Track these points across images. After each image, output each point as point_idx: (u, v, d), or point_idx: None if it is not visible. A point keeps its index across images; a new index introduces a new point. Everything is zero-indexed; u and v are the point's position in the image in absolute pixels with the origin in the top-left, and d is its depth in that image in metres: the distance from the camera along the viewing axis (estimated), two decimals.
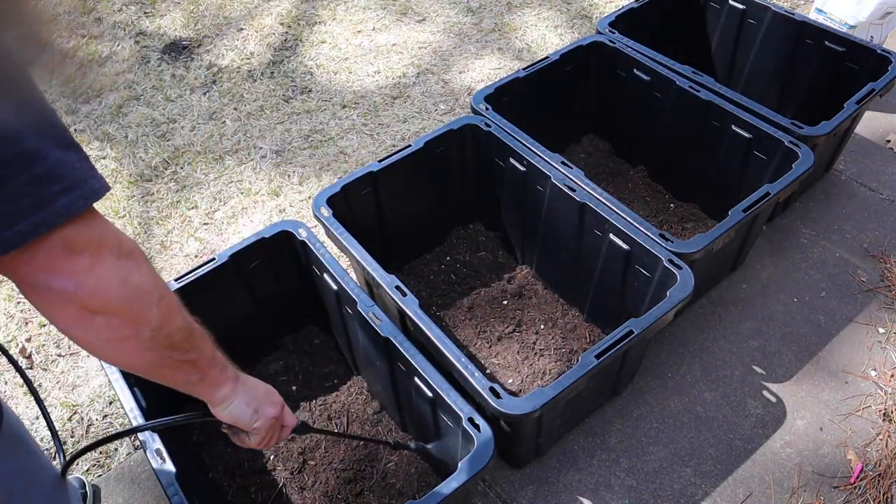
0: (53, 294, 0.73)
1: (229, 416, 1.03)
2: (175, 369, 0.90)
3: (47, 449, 1.87)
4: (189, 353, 0.90)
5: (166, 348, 0.85)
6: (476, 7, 3.36)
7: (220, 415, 1.03)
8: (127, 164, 2.65)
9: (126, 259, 0.78)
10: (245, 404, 1.03)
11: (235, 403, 1.02)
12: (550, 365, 1.91)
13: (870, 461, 1.78)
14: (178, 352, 0.88)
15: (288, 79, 3.01)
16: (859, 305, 2.12)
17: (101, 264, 0.74)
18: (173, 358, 0.88)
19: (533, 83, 2.21)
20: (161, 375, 0.89)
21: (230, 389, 1.00)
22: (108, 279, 0.75)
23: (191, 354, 0.90)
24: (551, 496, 1.74)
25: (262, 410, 1.07)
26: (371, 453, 1.76)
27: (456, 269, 2.18)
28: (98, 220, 0.76)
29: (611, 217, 1.75)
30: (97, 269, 0.74)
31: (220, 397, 1.00)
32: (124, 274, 0.77)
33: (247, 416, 1.04)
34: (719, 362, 2.00)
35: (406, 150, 1.95)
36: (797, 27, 2.34)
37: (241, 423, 1.05)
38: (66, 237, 0.71)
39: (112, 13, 3.36)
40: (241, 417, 1.04)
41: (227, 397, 1.01)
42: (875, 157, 2.56)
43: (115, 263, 0.76)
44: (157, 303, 0.82)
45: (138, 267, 0.80)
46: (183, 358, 0.89)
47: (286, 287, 1.87)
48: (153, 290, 0.81)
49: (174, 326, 0.86)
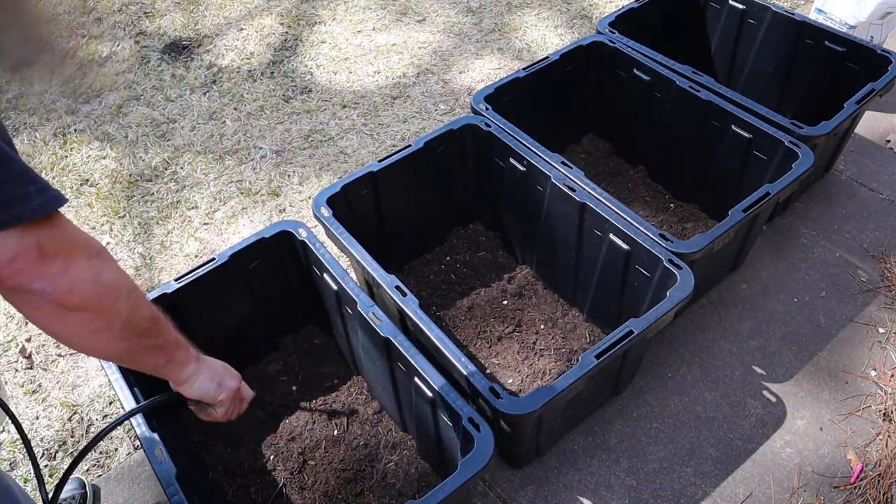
0: (32, 295, 0.79)
1: (195, 392, 1.13)
2: (146, 355, 0.99)
3: (46, 449, 1.87)
4: (157, 339, 0.99)
5: (136, 335, 0.94)
6: (476, 7, 3.36)
7: (188, 392, 1.12)
8: (127, 164, 2.65)
9: (96, 259, 0.85)
10: (209, 379, 1.14)
11: (200, 379, 1.12)
12: (550, 365, 1.91)
13: (870, 461, 1.78)
14: (147, 338, 0.97)
15: (288, 79, 3.01)
16: (859, 305, 2.12)
17: (73, 266, 0.81)
18: (143, 344, 0.97)
19: (533, 83, 2.21)
20: (134, 362, 0.99)
21: (194, 367, 1.10)
22: (81, 279, 0.82)
23: (158, 339, 1.00)
24: (551, 496, 1.74)
25: (224, 384, 1.17)
26: (371, 453, 1.76)
27: (456, 269, 2.18)
28: (67, 224, 0.82)
29: (611, 217, 1.75)
30: (70, 271, 0.81)
31: (186, 375, 1.10)
32: (95, 273, 0.85)
33: (212, 390, 1.14)
34: (719, 362, 2.00)
35: (406, 150, 1.95)
36: (797, 27, 2.34)
37: (207, 398, 1.15)
38: (40, 243, 0.77)
39: (112, 13, 3.37)
40: (206, 391, 1.14)
41: (193, 374, 1.11)
42: (875, 157, 2.56)
43: (86, 264, 0.83)
44: (126, 296, 0.90)
45: (107, 265, 0.87)
46: (152, 343, 0.98)
47: (286, 287, 1.87)
48: (121, 285, 0.90)
49: (142, 316, 0.94)
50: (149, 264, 2.31)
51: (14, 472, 1.83)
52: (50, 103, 2.90)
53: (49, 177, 2.60)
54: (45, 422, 1.93)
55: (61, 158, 2.68)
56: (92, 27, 3.28)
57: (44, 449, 1.87)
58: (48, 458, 1.85)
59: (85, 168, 2.64)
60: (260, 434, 1.80)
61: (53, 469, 1.83)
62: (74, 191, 2.56)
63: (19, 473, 1.82)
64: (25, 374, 2.03)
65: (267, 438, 1.79)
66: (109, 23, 3.31)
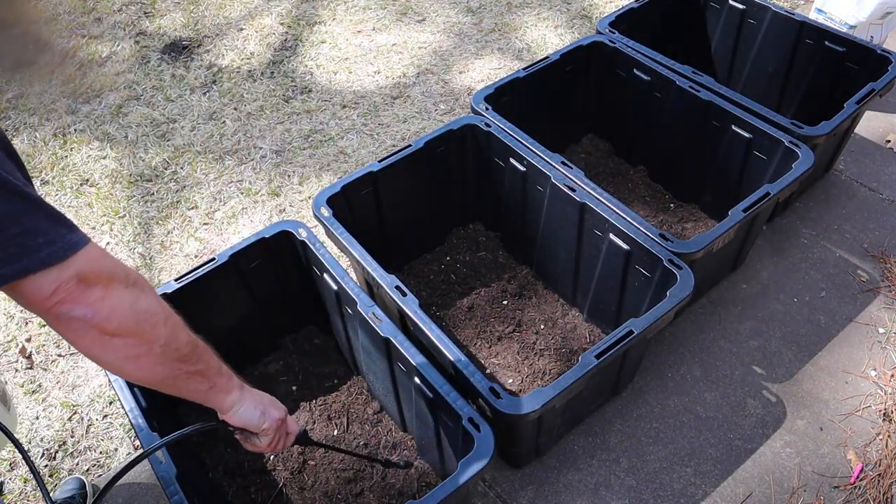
0: (76, 322, 0.85)
1: (240, 420, 1.13)
2: (187, 380, 1.00)
3: (46, 449, 1.87)
4: (197, 365, 1.01)
5: (176, 361, 0.97)
6: (476, 7, 3.36)
7: (232, 420, 1.12)
8: (127, 164, 2.65)
9: (133, 287, 0.90)
10: (253, 407, 1.14)
11: (245, 407, 1.12)
12: (550, 365, 1.91)
13: (870, 461, 1.78)
14: (187, 364, 0.99)
15: (288, 79, 3.01)
16: (859, 305, 2.12)
17: (112, 293, 0.87)
18: (183, 370, 0.99)
19: (533, 83, 2.21)
20: (175, 388, 1.00)
21: (238, 395, 1.11)
22: (119, 305, 0.87)
23: (199, 366, 1.01)
24: (551, 496, 1.74)
25: (269, 413, 1.17)
26: (371, 453, 1.76)
27: (456, 269, 2.18)
28: (103, 254, 0.88)
29: (611, 217, 1.75)
30: (109, 297, 0.86)
31: (230, 403, 1.10)
32: (132, 300, 0.89)
33: (255, 418, 1.14)
34: (719, 362, 2.00)
35: (406, 150, 1.95)
36: (797, 27, 2.34)
37: (251, 426, 1.14)
38: (80, 273, 0.83)
39: (112, 13, 3.37)
40: (250, 420, 1.14)
41: (236, 402, 1.11)
42: (875, 157, 2.56)
43: (124, 292, 0.88)
44: (164, 322, 0.94)
45: (144, 294, 0.92)
46: (192, 369, 1.00)
47: (286, 287, 1.87)
48: (159, 311, 0.94)
49: (181, 342, 0.97)
50: (149, 264, 2.31)
51: (14, 472, 1.83)
52: (50, 103, 2.90)
53: (49, 177, 2.60)
54: (45, 422, 1.93)
55: (61, 158, 2.68)
56: (92, 27, 3.28)
57: (44, 449, 1.87)
58: (48, 458, 1.85)
59: (85, 168, 2.64)
60: None
61: (53, 469, 1.83)
62: (74, 191, 2.56)
63: (19, 474, 1.82)
64: (25, 374, 2.04)
65: None
66: (109, 23, 3.31)
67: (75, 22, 3.31)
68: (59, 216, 0.83)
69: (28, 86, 2.97)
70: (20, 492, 1.79)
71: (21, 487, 1.80)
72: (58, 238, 0.81)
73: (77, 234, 0.84)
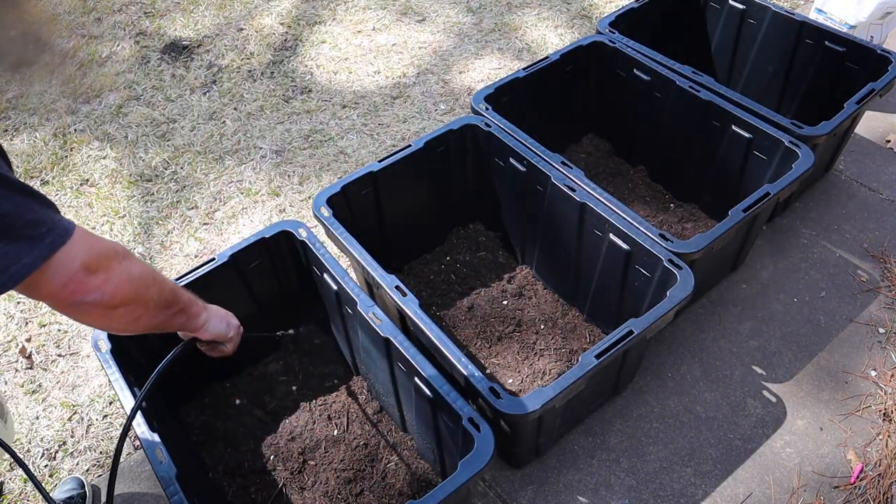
0: (87, 306, 0.94)
1: (210, 334, 1.31)
2: (172, 319, 1.17)
3: (46, 449, 1.87)
4: (179, 304, 1.17)
5: (165, 309, 1.12)
6: (476, 7, 3.36)
7: (204, 335, 1.30)
8: (127, 164, 2.65)
9: (124, 259, 1.00)
10: (218, 321, 1.33)
11: (212, 323, 1.31)
12: (550, 365, 1.91)
13: (870, 461, 1.78)
14: (173, 307, 1.15)
15: (288, 79, 3.01)
16: (859, 305, 2.12)
17: (112, 272, 0.96)
18: (170, 313, 1.15)
19: (533, 83, 2.21)
20: (163, 328, 1.15)
21: (206, 315, 1.29)
22: (120, 281, 0.97)
23: (180, 305, 1.18)
24: (551, 496, 1.74)
25: (230, 322, 1.37)
26: (371, 453, 1.76)
27: (456, 269, 2.18)
28: (96, 238, 0.95)
29: (611, 217, 1.75)
30: (112, 278, 0.96)
31: (201, 322, 1.28)
32: (128, 272, 0.99)
33: (222, 329, 1.34)
34: (719, 362, 2.00)
35: (406, 150, 1.95)
36: (797, 27, 2.34)
37: (219, 336, 1.34)
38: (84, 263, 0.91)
39: (112, 13, 3.37)
40: (219, 331, 1.32)
41: (206, 320, 1.29)
42: (875, 157, 2.56)
43: (120, 267, 0.98)
44: (153, 282, 1.07)
45: (132, 262, 1.02)
46: (176, 310, 1.17)
47: (286, 287, 1.87)
48: (147, 274, 1.06)
49: (166, 291, 1.12)
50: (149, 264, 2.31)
51: (14, 472, 1.83)
52: (50, 103, 2.90)
53: (49, 177, 2.60)
54: (45, 422, 1.93)
55: (61, 158, 2.68)
56: (92, 27, 3.28)
57: (44, 449, 1.87)
58: (48, 458, 1.85)
59: (85, 168, 2.64)
60: (260, 434, 1.80)
61: (53, 469, 1.83)
62: (74, 191, 2.56)
63: (19, 474, 1.82)
64: (25, 374, 2.03)
65: (267, 438, 1.79)
66: (109, 23, 3.31)
67: (75, 22, 3.31)
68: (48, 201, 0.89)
69: (28, 86, 2.97)
70: (20, 492, 1.79)
71: (21, 487, 1.80)
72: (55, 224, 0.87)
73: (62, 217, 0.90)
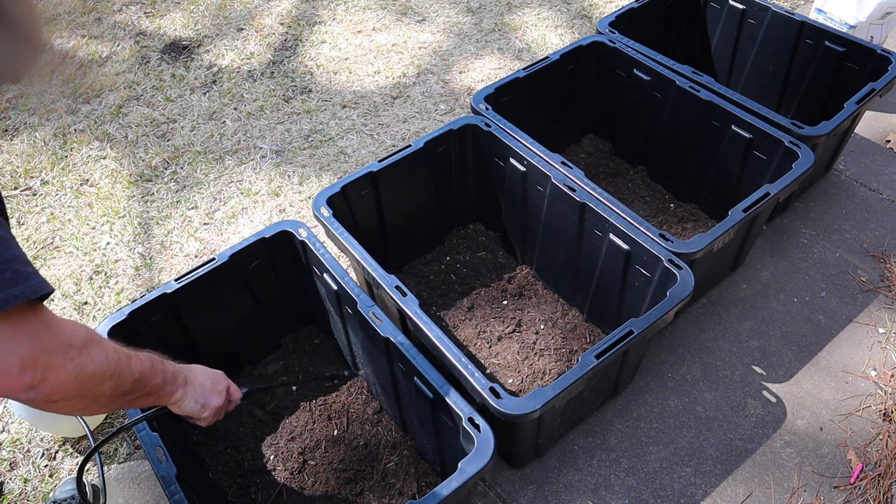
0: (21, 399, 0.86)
1: (182, 412, 1.26)
2: (134, 402, 1.08)
3: (46, 449, 1.87)
4: (143, 390, 1.08)
5: (120, 397, 1.01)
6: (476, 7, 3.36)
7: (175, 410, 1.25)
8: (127, 164, 2.65)
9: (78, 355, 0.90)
10: (194, 402, 1.25)
11: (186, 402, 1.23)
12: (550, 365, 1.91)
13: (870, 461, 1.78)
14: (133, 395, 1.05)
15: (288, 79, 3.01)
16: (859, 305, 2.12)
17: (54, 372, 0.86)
18: (128, 399, 1.05)
19: (533, 83, 2.21)
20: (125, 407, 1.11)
21: (181, 394, 1.22)
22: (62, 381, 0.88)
23: (144, 390, 1.08)
24: (551, 496, 1.74)
25: (209, 403, 1.28)
26: (371, 453, 1.76)
27: (456, 269, 2.18)
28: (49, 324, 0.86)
29: (611, 217, 1.75)
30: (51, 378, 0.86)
31: (174, 401, 1.22)
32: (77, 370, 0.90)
33: (196, 410, 1.26)
34: (719, 362, 2.00)
35: (406, 150, 1.95)
36: (797, 27, 2.34)
37: (192, 415, 1.27)
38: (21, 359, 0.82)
39: (112, 13, 3.37)
40: (191, 412, 1.26)
41: (179, 400, 1.22)
42: (875, 157, 2.56)
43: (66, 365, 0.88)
44: (109, 378, 0.96)
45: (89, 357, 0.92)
46: (137, 395, 1.07)
47: (286, 287, 1.87)
48: (104, 370, 0.95)
49: (126, 385, 1.01)
50: (149, 264, 2.31)
51: (14, 472, 1.83)
52: (50, 103, 2.90)
53: (49, 177, 2.60)
54: None
55: (61, 158, 2.68)
56: (92, 27, 3.28)
57: (44, 449, 1.87)
58: (48, 458, 1.85)
59: (85, 168, 2.64)
60: (260, 434, 1.80)
61: (53, 469, 1.83)
62: (74, 191, 2.56)
63: (19, 474, 1.82)
64: None
65: (267, 438, 1.79)
66: (109, 23, 3.31)
67: (75, 22, 3.31)
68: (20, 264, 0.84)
69: (28, 86, 2.97)
70: (20, 492, 1.79)
71: (21, 487, 1.80)
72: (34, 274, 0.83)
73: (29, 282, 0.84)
